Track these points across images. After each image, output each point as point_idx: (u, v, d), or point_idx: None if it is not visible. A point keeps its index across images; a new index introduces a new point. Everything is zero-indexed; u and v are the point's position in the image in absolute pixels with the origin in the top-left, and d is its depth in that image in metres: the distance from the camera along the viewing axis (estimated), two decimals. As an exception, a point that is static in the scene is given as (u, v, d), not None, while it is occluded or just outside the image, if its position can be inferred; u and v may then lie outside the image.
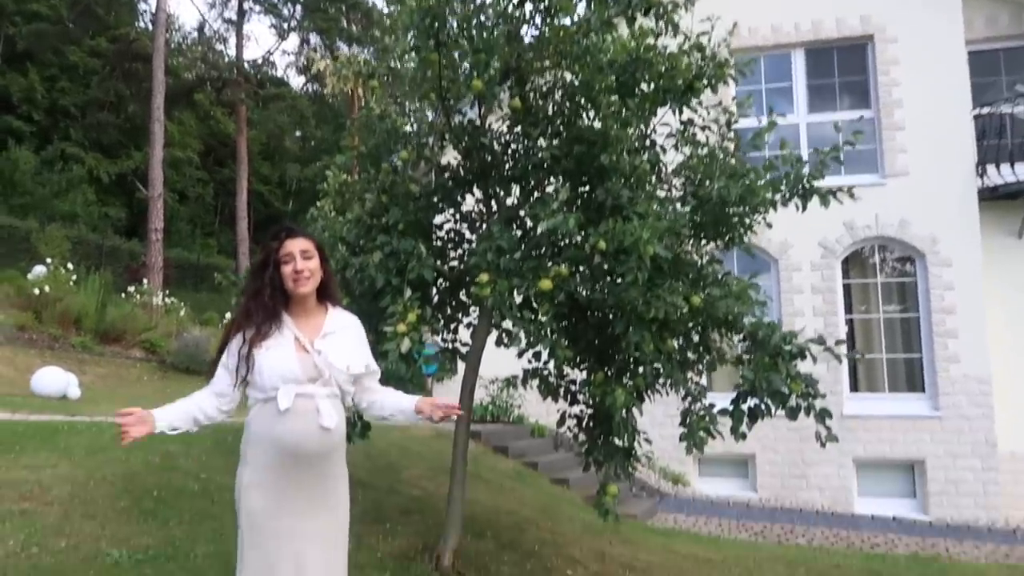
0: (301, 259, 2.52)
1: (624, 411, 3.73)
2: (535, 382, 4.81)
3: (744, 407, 4.05)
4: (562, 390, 4.91)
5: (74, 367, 10.47)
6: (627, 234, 3.51)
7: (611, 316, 4.10)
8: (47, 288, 12.66)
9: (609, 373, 4.12)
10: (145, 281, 17.28)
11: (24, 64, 26.86)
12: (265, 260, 2.54)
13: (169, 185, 27.93)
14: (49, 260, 13.70)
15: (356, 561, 4.24)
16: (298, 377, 2.45)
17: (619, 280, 3.77)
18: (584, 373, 4.52)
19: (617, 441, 4.24)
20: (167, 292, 17.07)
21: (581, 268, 4.11)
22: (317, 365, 2.49)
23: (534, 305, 4.07)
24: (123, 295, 14.97)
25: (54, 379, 9.43)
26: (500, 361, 4.96)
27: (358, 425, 4.70)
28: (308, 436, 2.42)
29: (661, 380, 4.06)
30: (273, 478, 2.44)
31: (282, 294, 2.52)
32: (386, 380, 4.67)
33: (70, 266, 13.64)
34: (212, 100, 31.47)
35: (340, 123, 30.74)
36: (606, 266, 3.83)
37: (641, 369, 3.91)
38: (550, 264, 3.96)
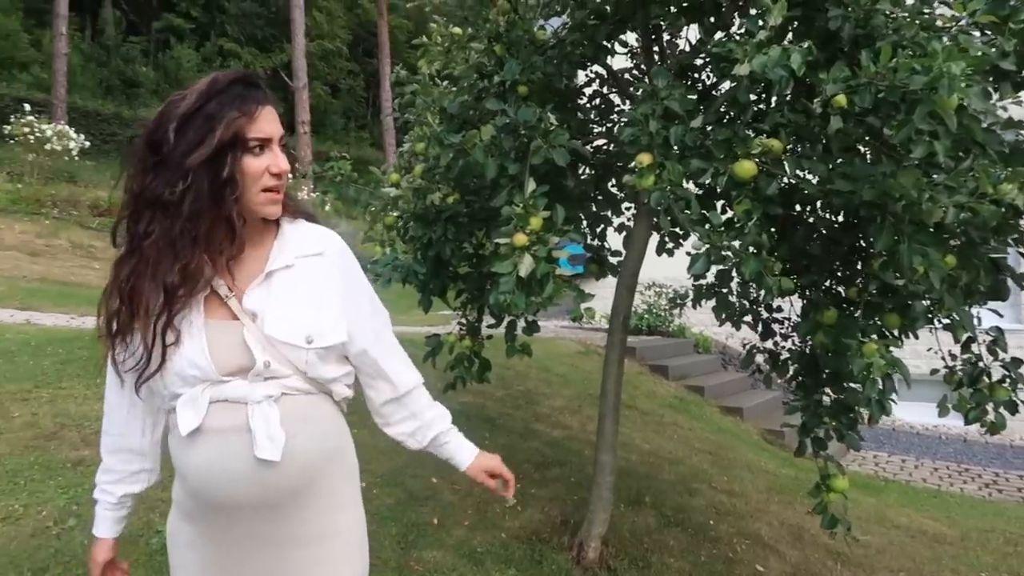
0: (278, 149, 1.29)
1: (875, 376, 2.24)
2: (711, 302, 3.38)
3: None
4: (750, 316, 3.47)
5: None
6: (910, 73, 1.93)
7: (854, 219, 2.55)
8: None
9: (848, 310, 2.60)
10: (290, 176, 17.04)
11: (179, -40, 27.06)
12: (221, 146, 1.21)
13: (320, 77, 27.81)
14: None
15: (470, 546, 3.18)
16: (207, 372, 1.24)
17: (880, 158, 2.22)
18: (794, 298, 3.04)
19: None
20: (319, 189, 16.76)
21: (802, 141, 2.57)
22: (247, 342, 1.25)
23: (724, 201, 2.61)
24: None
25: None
26: (657, 260, 3.58)
27: (475, 364, 3.54)
28: (232, 477, 1.24)
29: (935, 316, 2.49)
30: (208, 531, 1.33)
31: (227, 219, 1.25)
32: (499, 319, 3.45)
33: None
34: (356, -16, 30.56)
35: None
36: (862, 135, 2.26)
37: (908, 304, 2.36)
38: (751, 135, 2.45)
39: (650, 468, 4.64)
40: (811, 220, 2.92)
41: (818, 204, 2.88)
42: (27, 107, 12.78)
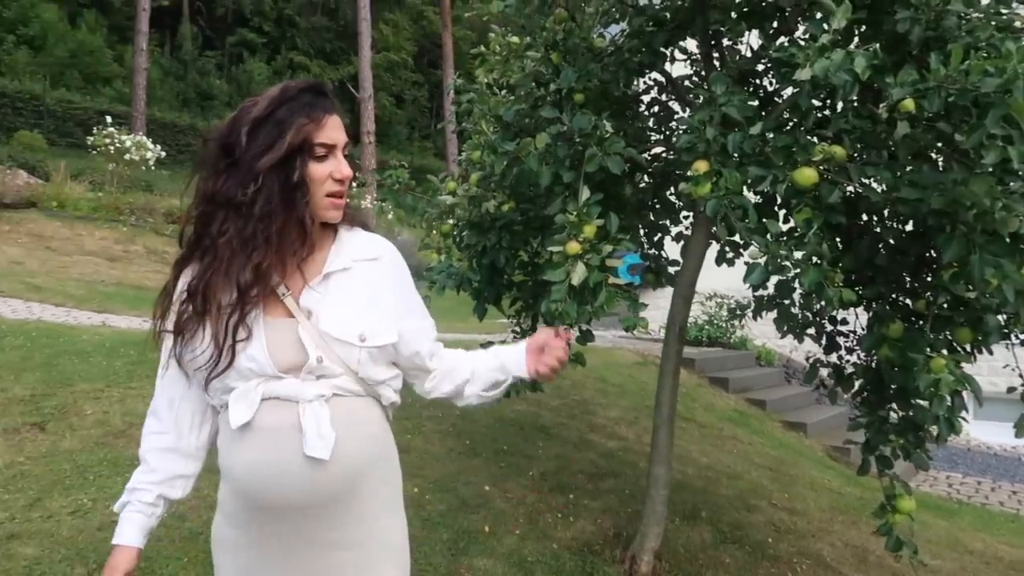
0: (342, 156, 1.33)
1: (943, 392, 2.13)
2: (771, 313, 3.29)
3: None
4: (813, 329, 3.36)
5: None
6: (983, 76, 1.84)
7: (923, 229, 2.45)
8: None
9: (916, 323, 2.49)
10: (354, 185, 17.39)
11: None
12: (291, 151, 1.25)
13: (385, 88, 28.36)
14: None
15: (520, 556, 3.16)
16: (264, 366, 1.27)
17: (950, 164, 2.12)
18: (859, 310, 2.94)
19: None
20: (380, 197, 17.06)
21: (867, 147, 2.48)
22: (302, 338, 1.27)
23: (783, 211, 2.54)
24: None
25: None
26: (718, 270, 3.50)
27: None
28: (280, 475, 1.26)
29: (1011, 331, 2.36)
30: (248, 535, 1.34)
31: (299, 221, 1.29)
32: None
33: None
34: (421, -3, 31.09)
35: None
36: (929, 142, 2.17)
37: (981, 318, 2.24)
38: (813, 141, 2.38)
39: (707, 482, 4.54)
40: (876, 230, 2.81)
41: (884, 213, 2.77)
42: (108, 119, 13.41)
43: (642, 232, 3.78)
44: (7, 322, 5.78)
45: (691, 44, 3.54)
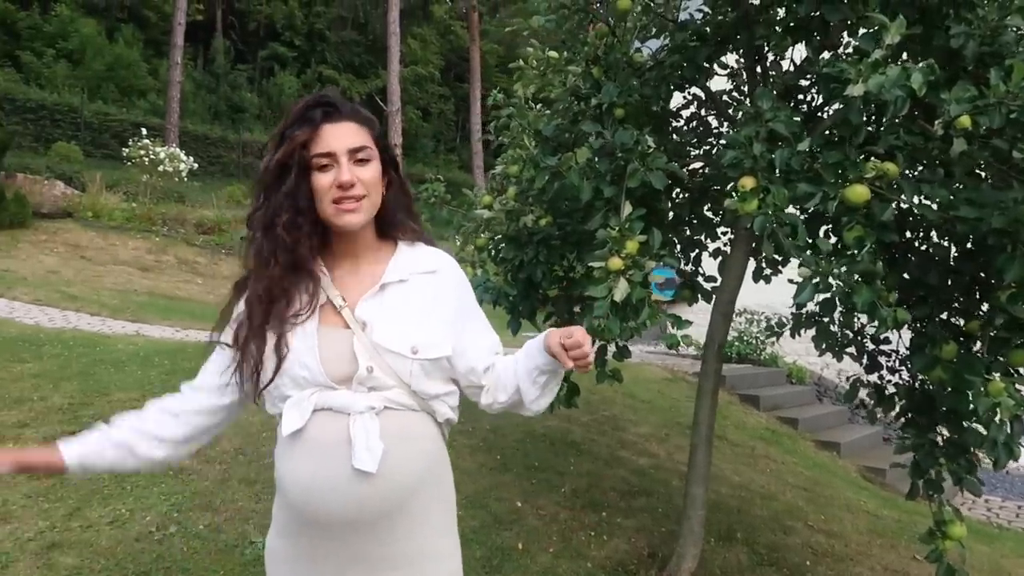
0: (350, 163, 1.27)
1: (1002, 417, 2.06)
2: (810, 332, 3.24)
3: None
4: (853, 348, 3.30)
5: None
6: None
7: (977, 247, 2.39)
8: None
9: (967, 344, 2.43)
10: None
11: (285, -8, 28.50)
12: (284, 161, 1.27)
13: (412, 102, 28.59)
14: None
15: (555, 574, 3.13)
16: (316, 374, 1.26)
17: (1008, 183, 2.07)
18: (905, 330, 2.87)
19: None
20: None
21: (917, 164, 2.44)
22: (355, 350, 1.27)
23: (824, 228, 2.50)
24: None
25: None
26: (750, 287, 3.46)
27: (563, 388, 3.49)
28: (329, 488, 1.25)
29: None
30: (298, 548, 1.34)
31: (316, 226, 1.30)
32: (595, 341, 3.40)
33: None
34: (449, 12, 31.31)
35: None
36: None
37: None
38: (863, 158, 2.34)
39: (741, 503, 4.46)
40: (924, 248, 2.76)
41: (933, 231, 2.71)
42: (144, 131, 13.65)
43: (678, 248, 3.74)
44: (45, 331, 5.87)
45: (730, 59, 3.52)
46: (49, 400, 4.22)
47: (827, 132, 2.71)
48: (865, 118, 2.61)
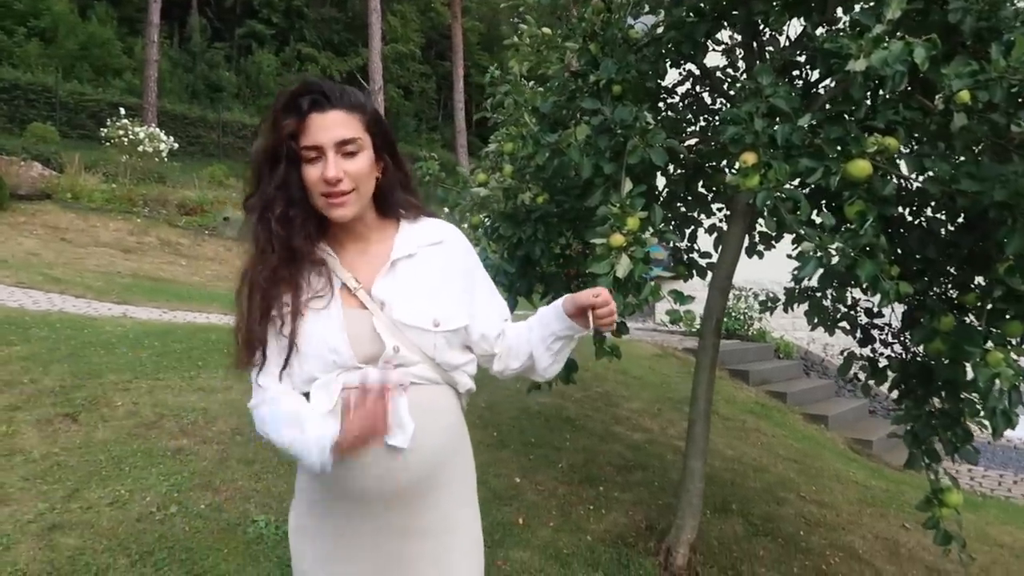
0: (337, 156, 1.25)
1: (1001, 386, 2.11)
2: (803, 306, 3.29)
3: None
4: (845, 322, 3.35)
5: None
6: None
7: (973, 221, 2.42)
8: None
9: (968, 319, 2.47)
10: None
11: (264, -33, 27.96)
12: (273, 151, 1.27)
13: (393, 80, 28.29)
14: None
15: (556, 548, 3.16)
16: (345, 357, 1.27)
17: (1008, 156, 2.10)
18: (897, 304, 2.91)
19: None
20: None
21: (917, 139, 2.46)
22: (378, 329, 1.28)
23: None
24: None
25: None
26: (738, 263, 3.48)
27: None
28: (361, 464, 1.27)
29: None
30: (327, 523, 1.36)
31: (310, 215, 1.30)
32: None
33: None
34: (430, -12, 30.99)
35: None
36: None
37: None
38: (864, 134, 2.36)
39: (735, 475, 4.53)
40: (920, 222, 2.79)
41: (929, 206, 2.74)
42: (122, 111, 13.42)
43: (672, 224, 3.76)
44: (30, 313, 5.80)
45: (723, 34, 3.51)
46: (40, 383, 4.18)
47: (825, 107, 2.72)
48: (874, 89, 2.63)
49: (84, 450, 3.49)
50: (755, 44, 3.23)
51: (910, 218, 2.93)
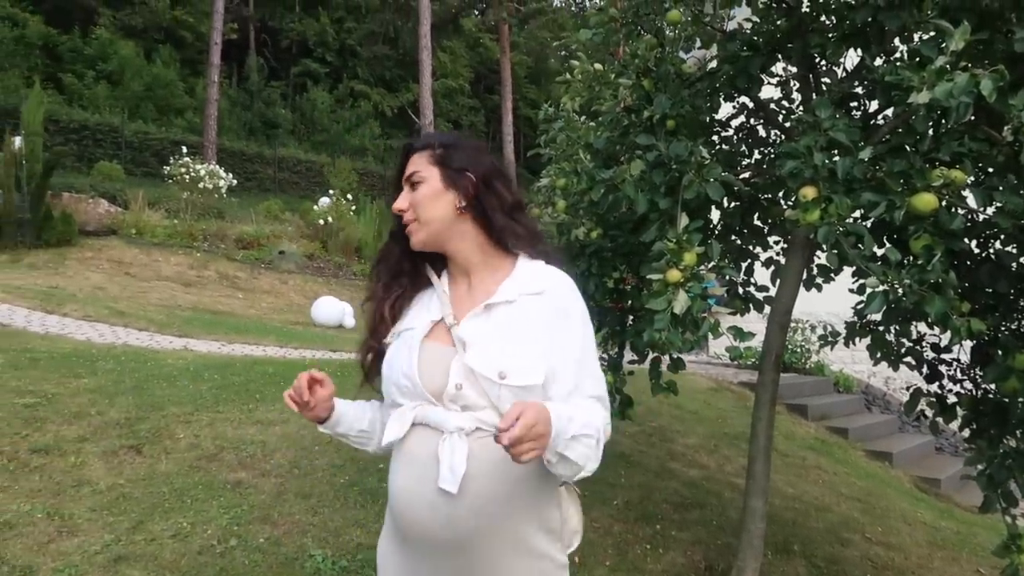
0: (407, 190, 1.43)
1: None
2: (864, 340, 3.20)
3: None
4: (911, 356, 3.24)
5: (355, 295, 10.64)
6: None
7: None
8: (330, 218, 13.15)
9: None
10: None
11: (316, 8, 28.91)
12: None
13: (443, 115, 28.78)
14: (331, 192, 14.21)
15: (612, 588, 3.09)
16: (415, 386, 1.31)
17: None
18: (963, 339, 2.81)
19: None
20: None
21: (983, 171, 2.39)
22: (452, 368, 1.30)
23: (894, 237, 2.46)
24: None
25: (330, 309, 9.62)
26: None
27: (617, 400, 3.48)
28: (419, 503, 1.29)
29: None
30: (402, 557, 1.39)
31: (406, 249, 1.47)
32: (642, 355, 3.38)
33: (349, 196, 14.08)
34: (478, 25, 31.53)
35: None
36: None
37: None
38: (927, 166, 2.31)
39: (796, 514, 4.39)
40: (988, 256, 2.70)
41: (1000, 237, 2.66)
42: (184, 149, 13.93)
43: (727, 258, 3.71)
44: (97, 346, 6.00)
45: (777, 67, 3.49)
46: (106, 415, 4.30)
47: (885, 139, 2.68)
48: (937, 121, 2.57)
49: (148, 482, 3.57)
50: (811, 76, 3.20)
51: (979, 251, 2.85)
